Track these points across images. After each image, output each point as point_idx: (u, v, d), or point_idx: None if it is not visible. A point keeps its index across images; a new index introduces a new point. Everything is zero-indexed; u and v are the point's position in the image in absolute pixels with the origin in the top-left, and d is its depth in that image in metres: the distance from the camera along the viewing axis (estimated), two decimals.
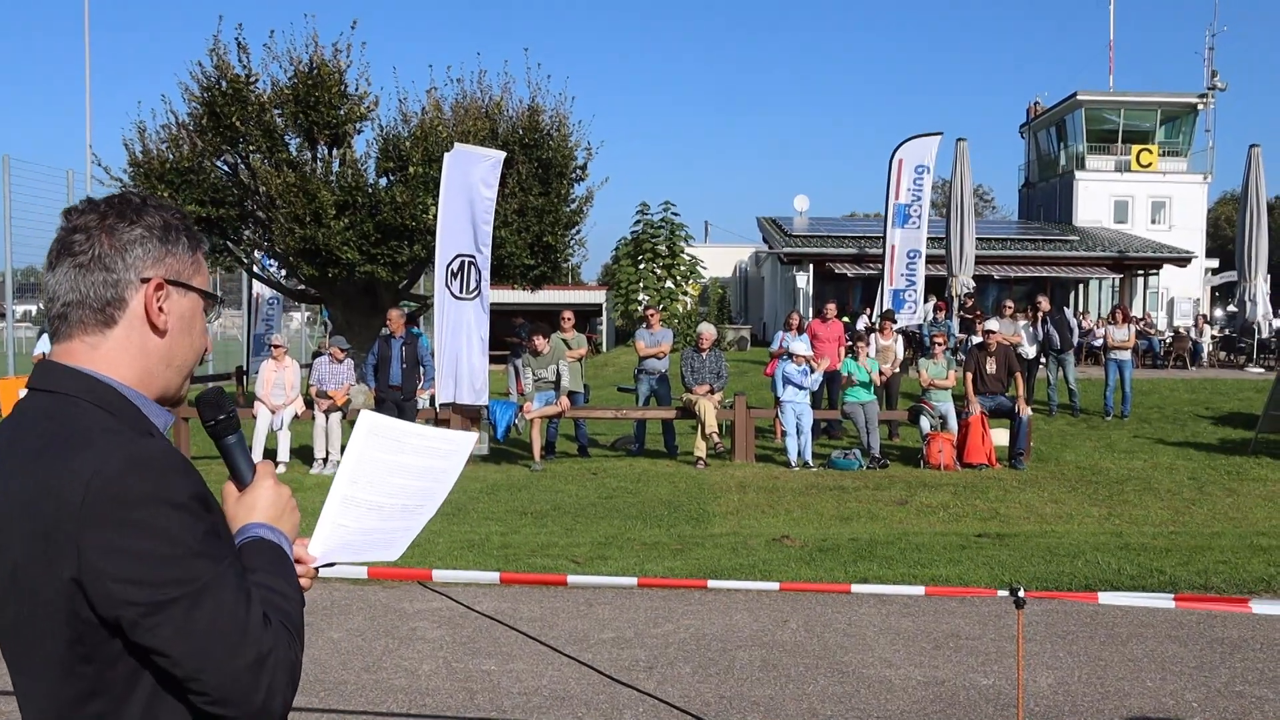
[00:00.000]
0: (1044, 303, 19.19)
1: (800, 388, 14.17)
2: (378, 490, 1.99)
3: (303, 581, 1.90)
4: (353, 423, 15.20)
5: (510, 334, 18.85)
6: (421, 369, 14.31)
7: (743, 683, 5.96)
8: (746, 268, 47.76)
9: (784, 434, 14.33)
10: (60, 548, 1.51)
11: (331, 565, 1.93)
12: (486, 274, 14.31)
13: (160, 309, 1.71)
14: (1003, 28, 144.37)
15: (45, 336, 11.30)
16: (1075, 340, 19.29)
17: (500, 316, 17.30)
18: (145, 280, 1.70)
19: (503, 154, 14.89)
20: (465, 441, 2.13)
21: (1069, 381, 18.50)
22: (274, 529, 1.75)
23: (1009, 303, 19.59)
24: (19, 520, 1.55)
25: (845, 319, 23.08)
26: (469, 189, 14.00)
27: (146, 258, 1.71)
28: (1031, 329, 18.84)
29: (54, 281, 1.69)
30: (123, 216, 1.70)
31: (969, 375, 14.37)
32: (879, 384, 15.38)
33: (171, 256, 1.74)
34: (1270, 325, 28.31)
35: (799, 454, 13.95)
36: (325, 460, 13.76)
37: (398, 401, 13.82)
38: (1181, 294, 38.99)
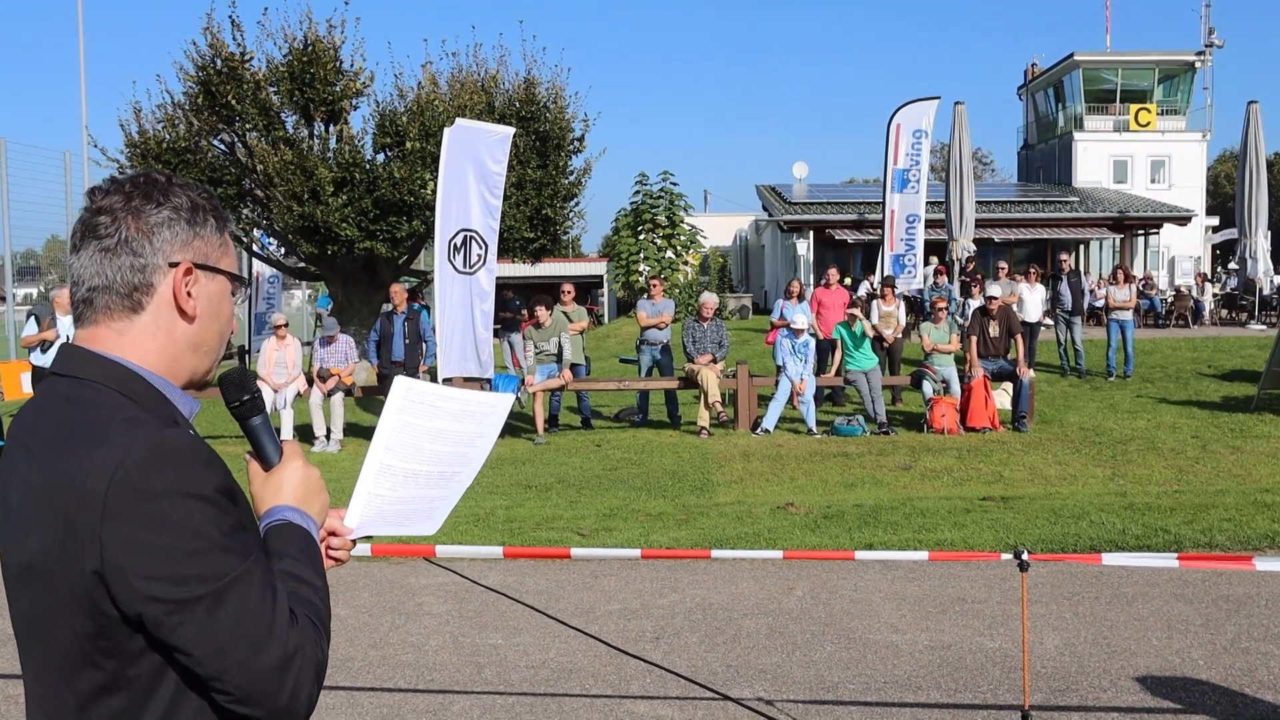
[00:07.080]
0: (1067, 262, 19.16)
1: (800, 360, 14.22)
2: (414, 458, 1.94)
3: (339, 555, 1.88)
4: (356, 400, 15.01)
5: (502, 309, 18.78)
6: (424, 344, 14.32)
7: (749, 651, 5.98)
8: (746, 236, 47.64)
9: (800, 401, 14.30)
10: (82, 540, 1.46)
11: (370, 538, 1.89)
12: (494, 247, 14.30)
13: (189, 294, 1.66)
14: None
15: (32, 319, 11.32)
16: (1085, 304, 19.34)
17: (496, 290, 17.22)
18: (173, 264, 1.64)
19: (511, 130, 14.86)
20: (503, 403, 2.08)
21: (1075, 343, 18.53)
22: (302, 512, 1.70)
23: (1003, 264, 19.56)
24: (39, 509, 1.51)
25: (845, 283, 23.03)
26: (473, 164, 13.96)
27: (174, 241, 1.65)
28: (1051, 285, 18.88)
29: (79, 265, 1.63)
30: (149, 198, 1.64)
31: (972, 339, 14.36)
32: (884, 338, 15.39)
33: (199, 239, 1.68)
34: (1271, 282, 28.25)
35: (775, 420, 14.00)
36: (328, 437, 13.79)
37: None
38: (1182, 253, 38.85)
